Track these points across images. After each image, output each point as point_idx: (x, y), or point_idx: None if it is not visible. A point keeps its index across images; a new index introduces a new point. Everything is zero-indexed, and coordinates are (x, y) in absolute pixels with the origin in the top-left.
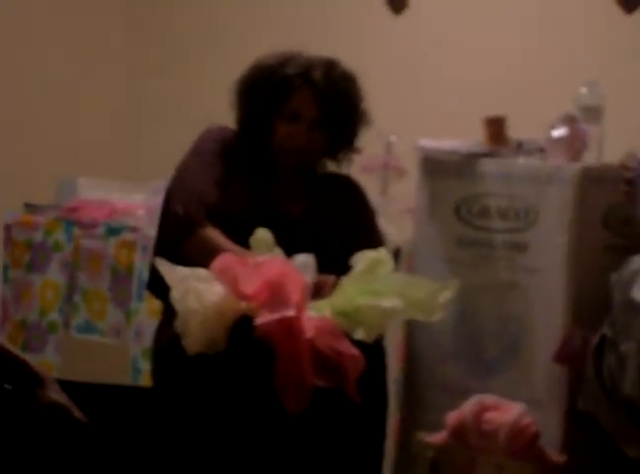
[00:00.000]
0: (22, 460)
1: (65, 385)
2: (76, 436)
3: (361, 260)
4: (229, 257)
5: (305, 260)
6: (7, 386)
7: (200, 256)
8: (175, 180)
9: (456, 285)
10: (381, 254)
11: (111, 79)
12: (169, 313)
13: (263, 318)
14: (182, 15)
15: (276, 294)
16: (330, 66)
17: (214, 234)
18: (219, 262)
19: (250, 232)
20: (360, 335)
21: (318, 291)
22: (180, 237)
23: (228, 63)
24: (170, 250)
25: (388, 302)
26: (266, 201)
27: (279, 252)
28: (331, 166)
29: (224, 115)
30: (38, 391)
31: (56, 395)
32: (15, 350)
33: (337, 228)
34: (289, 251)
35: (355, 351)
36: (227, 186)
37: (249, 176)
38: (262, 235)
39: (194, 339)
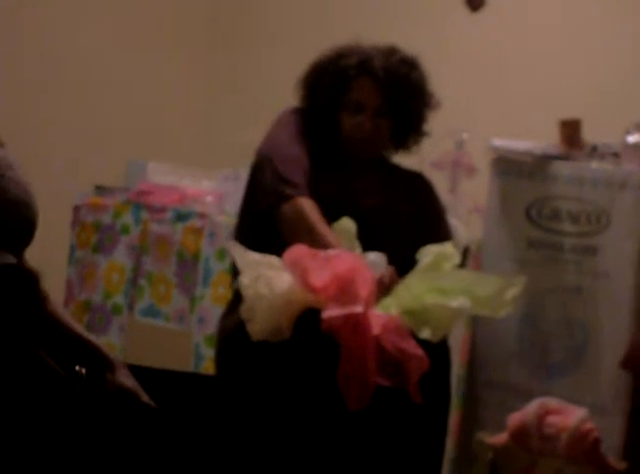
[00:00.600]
0: (90, 445)
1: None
2: (144, 422)
3: (427, 254)
4: (301, 248)
5: (376, 257)
6: (81, 369)
7: (291, 224)
8: (268, 146)
9: (523, 282)
10: (447, 248)
11: (187, 65)
12: (236, 301)
13: (330, 312)
14: (260, 2)
15: (345, 289)
16: (389, 54)
17: (312, 208)
18: (291, 253)
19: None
20: (425, 334)
21: (379, 286)
22: (279, 198)
23: (302, 55)
24: (264, 210)
25: (456, 302)
26: (339, 191)
27: (357, 244)
28: (401, 155)
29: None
30: (108, 375)
31: (126, 380)
32: (85, 332)
33: (407, 223)
34: (360, 241)
35: (419, 351)
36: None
37: (322, 163)
38: (346, 225)
39: (259, 325)
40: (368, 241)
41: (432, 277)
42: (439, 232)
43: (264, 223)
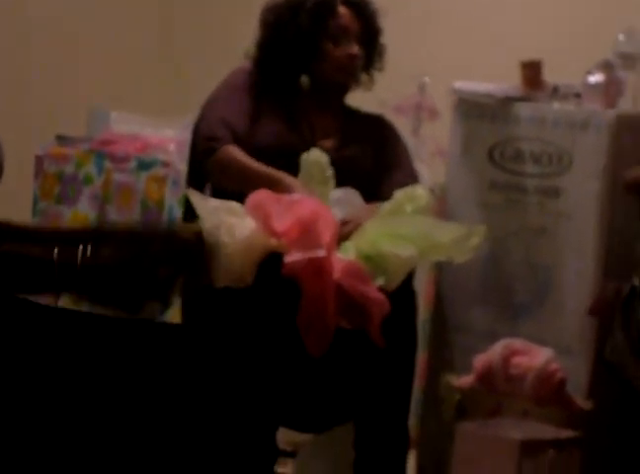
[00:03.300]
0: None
1: (95, 320)
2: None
3: (394, 198)
4: (263, 193)
5: (343, 194)
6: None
7: (224, 173)
8: (202, 110)
9: (484, 232)
10: (416, 189)
11: (147, 12)
12: None
13: (292, 256)
14: None
15: (307, 234)
16: None
17: (239, 153)
18: (253, 198)
19: (280, 164)
20: (380, 281)
21: (342, 227)
22: (205, 155)
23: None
24: (198, 172)
25: (406, 252)
26: (296, 135)
27: (331, 173)
28: (362, 99)
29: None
30: None
31: None
32: None
33: (368, 166)
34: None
35: (379, 295)
36: (257, 120)
37: (279, 110)
38: (316, 157)
39: (221, 272)
40: None
41: (390, 223)
42: (402, 173)
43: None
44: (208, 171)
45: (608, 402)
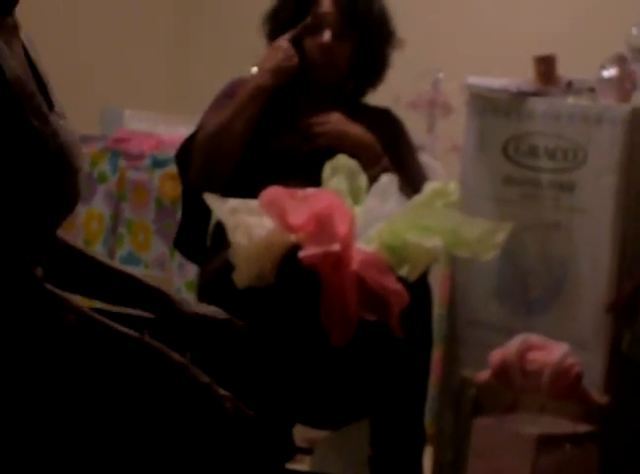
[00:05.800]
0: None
1: (112, 316)
2: None
3: (423, 191)
4: (277, 190)
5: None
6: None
7: (213, 150)
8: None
9: (509, 227)
10: (447, 185)
11: (159, 9)
12: (214, 247)
13: (307, 251)
14: None
15: (322, 227)
16: None
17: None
18: (267, 195)
19: (287, 167)
20: (404, 271)
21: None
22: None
23: None
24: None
25: (430, 242)
26: (293, 135)
27: (364, 179)
28: (374, 94)
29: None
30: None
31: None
32: None
33: None
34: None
35: (398, 286)
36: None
37: (273, 113)
38: (343, 161)
39: (242, 273)
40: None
41: (418, 215)
42: (408, 167)
43: None
44: (203, 177)
45: (624, 396)
